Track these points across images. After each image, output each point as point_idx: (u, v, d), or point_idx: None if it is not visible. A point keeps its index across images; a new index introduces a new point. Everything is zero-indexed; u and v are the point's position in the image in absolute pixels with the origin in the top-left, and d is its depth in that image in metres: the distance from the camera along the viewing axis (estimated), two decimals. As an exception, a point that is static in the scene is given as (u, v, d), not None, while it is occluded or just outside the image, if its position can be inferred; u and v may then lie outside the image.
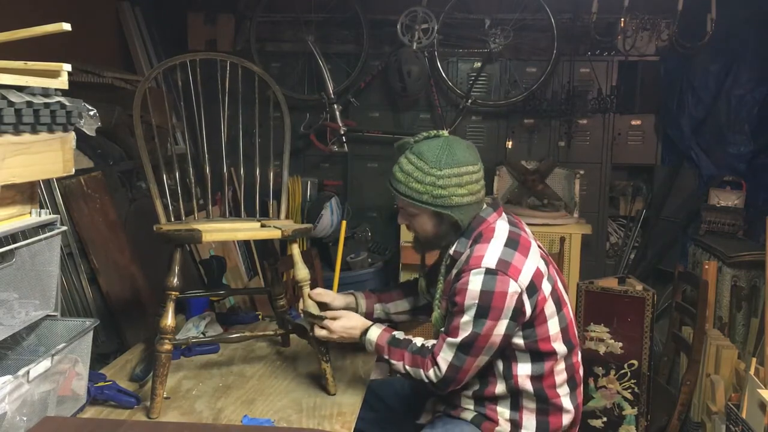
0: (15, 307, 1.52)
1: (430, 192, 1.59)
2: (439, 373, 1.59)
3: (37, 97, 1.42)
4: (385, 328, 1.74)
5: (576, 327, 1.71)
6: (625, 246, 3.95)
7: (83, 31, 3.06)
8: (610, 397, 2.78)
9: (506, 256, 1.55)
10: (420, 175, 1.59)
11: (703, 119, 3.63)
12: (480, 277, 1.53)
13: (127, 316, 2.53)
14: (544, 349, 1.60)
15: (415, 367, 1.64)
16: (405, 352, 1.66)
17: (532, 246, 1.63)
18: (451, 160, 1.59)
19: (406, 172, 1.62)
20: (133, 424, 1.48)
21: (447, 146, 1.60)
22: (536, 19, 3.64)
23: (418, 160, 1.60)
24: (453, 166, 1.58)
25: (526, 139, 3.88)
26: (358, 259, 3.79)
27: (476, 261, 1.55)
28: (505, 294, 1.52)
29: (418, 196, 1.60)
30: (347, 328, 1.74)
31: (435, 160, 1.58)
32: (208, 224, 1.90)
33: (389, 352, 1.68)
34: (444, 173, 1.58)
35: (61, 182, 2.39)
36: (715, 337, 2.79)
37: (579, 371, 1.71)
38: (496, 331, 1.54)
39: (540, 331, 1.60)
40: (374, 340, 1.71)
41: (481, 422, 1.66)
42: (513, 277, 1.53)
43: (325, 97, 3.84)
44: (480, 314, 1.53)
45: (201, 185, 3.47)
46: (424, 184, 1.59)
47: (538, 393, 1.63)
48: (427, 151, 1.60)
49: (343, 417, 1.67)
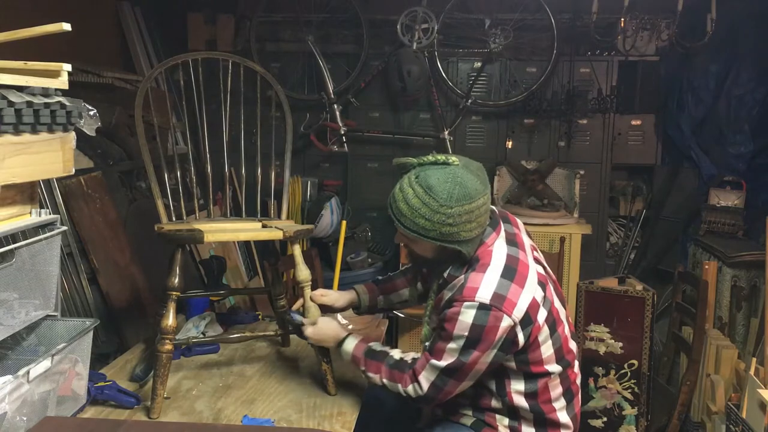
0: (15, 307, 1.52)
1: (438, 229, 1.47)
2: (420, 391, 1.56)
3: (37, 97, 1.42)
4: (362, 339, 1.72)
5: (576, 328, 1.69)
6: (625, 246, 3.95)
7: (83, 31, 3.05)
8: (610, 397, 2.78)
9: (501, 289, 1.47)
10: (428, 212, 1.46)
11: (703, 119, 3.63)
12: (473, 311, 1.45)
13: (127, 316, 2.53)
14: (536, 371, 1.57)
15: (393, 381, 1.61)
16: (382, 366, 1.63)
17: (529, 272, 1.54)
18: (463, 195, 1.46)
19: (412, 207, 1.48)
20: (133, 424, 1.48)
21: (459, 179, 1.46)
22: (536, 19, 3.64)
23: (426, 195, 1.46)
24: (464, 203, 1.46)
25: (526, 139, 3.88)
26: (358, 259, 3.79)
27: (470, 293, 1.47)
28: (497, 328, 1.45)
29: (425, 233, 1.49)
30: (321, 337, 1.75)
31: (446, 197, 1.45)
32: (210, 224, 1.90)
33: (366, 364, 1.66)
34: (454, 211, 1.45)
35: (61, 182, 2.39)
36: (715, 337, 2.79)
37: (576, 381, 1.67)
38: (483, 360, 1.49)
39: (532, 357, 1.55)
40: (350, 351, 1.70)
41: (481, 428, 1.65)
42: (507, 312, 1.45)
43: (325, 97, 3.84)
44: (469, 345, 1.47)
45: (202, 185, 3.49)
46: (432, 222, 1.46)
47: (534, 409, 1.60)
48: (437, 185, 1.46)
49: (343, 417, 1.67)
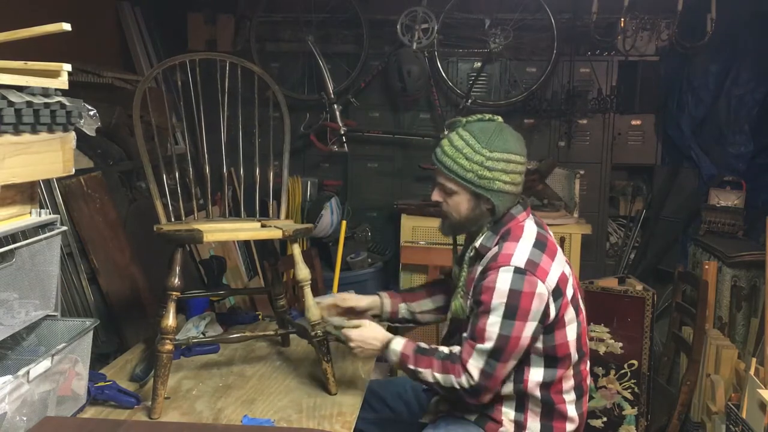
0: (15, 307, 1.52)
1: (476, 171, 1.57)
2: (473, 381, 1.54)
3: (37, 97, 1.42)
4: (409, 339, 1.69)
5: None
6: (625, 246, 3.95)
7: (83, 31, 3.06)
8: (610, 397, 2.78)
9: (534, 257, 1.54)
10: (470, 152, 1.58)
11: (703, 119, 3.63)
12: (509, 275, 1.50)
13: (127, 316, 2.53)
14: (561, 353, 1.58)
15: (446, 373, 1.58)
16: (433, 359, 1.60)
17: (558, 250, 1.62)
18: (502, 144, 1.58)
19: (456, 147, 1.59)
20: (133, 424, 1.48)
21: (500, 131, 1.60)
22: (536, 19, 3.64)
23: (470, 137, 1.59)
24: (503, 151, 1.58)
25: (526, 139, 3.84)
26: (358, 259, 3.78)
27: (505, 259, 1.53)
28: (533, 294, 1.50)
29: (463, 173, 1.58)
30: (367, 339, 1.69)
31: (487, 141, 1.57)
32: (209, 224, 1.90)
33: (416, 360, 1.62)
34: (494, 155, 1.57)
35: (61, 182, 2.39)
36: (715, 337, 2.78)
37: (586, 380, 1.69)
38: (525, 333, 1.51)
39: (558, 336, 1.58)
40: (399, 349, 1.65)
41: (485, 423, 1.65)
42: (541, 279, 1.51)
43: (325, 97, 3.84)
44: (508, 314, 1.50)
45: (201, 185, 3.47)
46: (471, 162, 1.57)
47: (545, 398, 1.62)
48: (480, 131, 1.59)
49: (343, 417, 1.67)
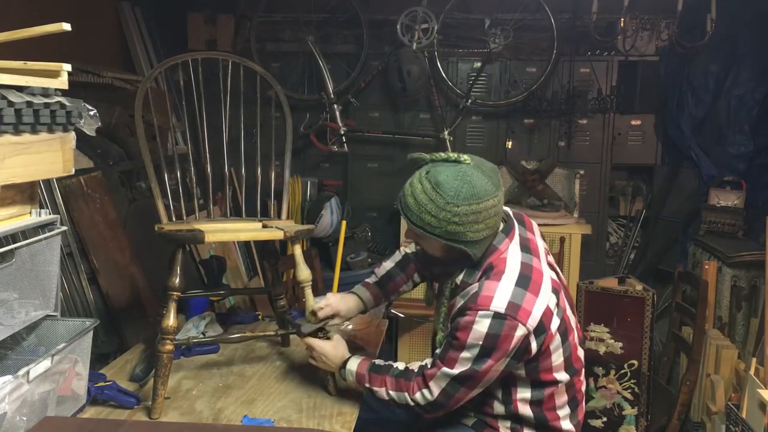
0: (15, 307, 1.52)
1: (444, 227, 1.45)
2: (430, 397, 1.54)
3: (37, 97, 1.42)
4: (365, 358, 1.70)
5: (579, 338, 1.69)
6: (625, 246, 3.95)
7: (83, 31, 3.05)
8: (610, 397, 2.78)
9: (516, 298, 1.45)
10: (434, 208, 1.45)
11: (703, 119, 3.63)
12: (487, 320, 1.43)
13: (127, 316, 2.53)
14: (546, 378, 1.57)
15: (399, 391, 1.59)
16: (387, 377, 1.61)
17: (543, 280, 1.52)
18: (471, 194, 1.43)
19: (419, 202, 1.47)
20: (133, 424, 1.48)
21: (468, 178, 1.44)
22: (536, 19, 3.64)
23: (433, 191, 1.45)
24: (472, 202, 1.43)
25: (526, 139, 3.88)
26: (358, 259, 3.79)
27: (485, 301, 1.45)
28: (511, 337, 1.44)
29: (431, 229, 1.47)
30: (327, 355, 1.72)
31: (453, 194, 1.43)
32: (210, 224, 1.90)
33: (370, 379, 1.63)
34: (461, 210, 1.43)
35: (61, 182, 2.39)
36: (715, 337, 2.79)
37: (581, 389, 1.68)
38: (496, 368, 1.48)
39: (543, 365, 1.55)
40: (354, 369, 1.67)
41: (482, 429, 1.65)
42: (522, 321, 1.44)
43: (325, 97, 3.84)
44: (483, 354, 1.46)
45: (202, 185, 3.48)
46: (438, 219, 1.45)
47: (538, 416, 1.60)
48: (445, 182, 1.44)
49: (343, 417, 1.67)
